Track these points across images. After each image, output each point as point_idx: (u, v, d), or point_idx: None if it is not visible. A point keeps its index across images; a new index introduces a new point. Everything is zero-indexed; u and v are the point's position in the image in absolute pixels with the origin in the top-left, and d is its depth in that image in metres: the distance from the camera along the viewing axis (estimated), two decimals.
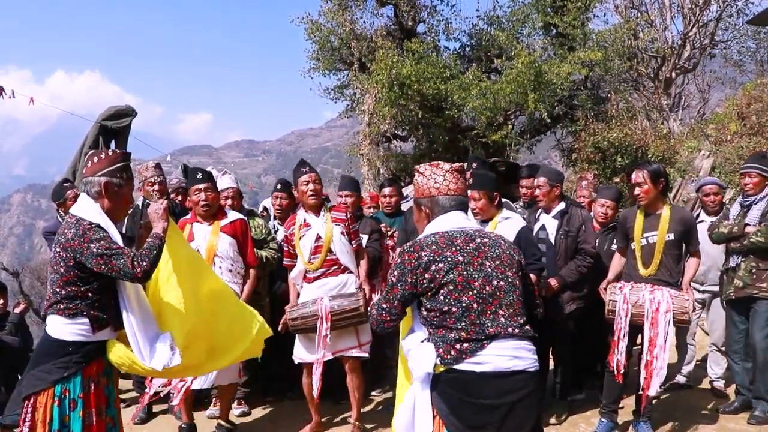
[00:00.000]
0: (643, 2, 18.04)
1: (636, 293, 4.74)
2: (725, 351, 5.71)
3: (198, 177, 4.90)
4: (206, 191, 4.86)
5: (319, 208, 5.02)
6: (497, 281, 2.83)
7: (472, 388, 2.74)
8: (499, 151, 14.69)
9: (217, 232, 4.84)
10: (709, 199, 5.97)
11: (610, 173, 12.74)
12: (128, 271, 3.10)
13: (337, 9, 16.68)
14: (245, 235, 4.99)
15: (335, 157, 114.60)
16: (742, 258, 5.25)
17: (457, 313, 2.77)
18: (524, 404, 2.77)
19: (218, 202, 5.00)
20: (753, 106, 12.33)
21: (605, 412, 5.07)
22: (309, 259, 4.97)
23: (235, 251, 4.90)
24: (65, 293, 3.20)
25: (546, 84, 13.78)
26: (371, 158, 15.79)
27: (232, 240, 4.89)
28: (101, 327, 3.27)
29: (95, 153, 3.42)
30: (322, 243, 4.92)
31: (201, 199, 4.85)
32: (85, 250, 3.11)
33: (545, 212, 5.41)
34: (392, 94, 14.57)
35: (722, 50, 19.47)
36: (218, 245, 4.82)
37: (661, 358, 4.61)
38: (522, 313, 2.86)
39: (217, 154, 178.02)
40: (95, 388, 3.28)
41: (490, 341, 2.75)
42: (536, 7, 15.50)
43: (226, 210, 5.08)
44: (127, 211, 3.61)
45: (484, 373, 2.73)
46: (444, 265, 2.81)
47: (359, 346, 4.95)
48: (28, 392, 3.20)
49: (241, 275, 4.94)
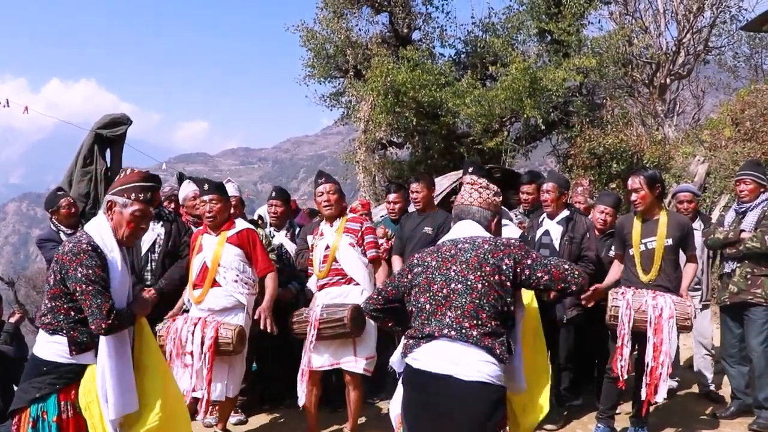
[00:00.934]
0: (637, 9, 18.13)
1: (638, 299, 4.73)
2: (720, 356, 5.72)
3: (204, 188, 4.87)
4: (211, 202, 4.82)
5: (336, 218, 5.04)
6: (455, 284, 2.88)
7: (415, 383, 2.92)
8: (495, 158, 14.73)
9: (223, 243, 4.81)
10: (683, 206, 5.97)
11: (606, 179, 12.78)
12: (97, 315, 2.94)
13: (332, 16, 16.72)
14: (253, 244, 4.91)
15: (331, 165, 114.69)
16: (737, 264, 5.28)
17: (414, 312, 2.97)
18: (454, 417, 2.78)
19: (226, 213, 4.92)
20: (747, 111, 12.36)
21: (602, 418, 5.07)
22: (319, 268, 5.02)
23: (242, 261, 4.85)
24: (50, 306, 3.08)
25: (541, 90, 13.82)
26: (367, 165, 15.80)
27: (239, 250, 4.83)
28: (81, 350, 3.09)
29: (123, 169, 3.32)
30: (330, 252, 4.94)
31: (206, 211, 4.83)
32: (71, 269, 2.99)
33: (549, 218, 5.42)
34: (388, 101, 14.59)
35: (716, 56, 19.56)
36: (222, 255, 4.80)
37: (666, 365, 4.61)
38: (472, 317, 2.81)
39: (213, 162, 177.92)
40: (73, 413, 3.10)
41: (427, 340, 2.87)
42: (531, 13, 15.57)
43: (236, 220, 5.01)
44: (138, 235, 3.38)
45: (418, 369, 2.87)
46: (419, 269, 3.01)
47: (356, 359, 4.88)
48: (12, 408, 3.12)
49: (249, 285, 4.89)
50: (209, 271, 4.77)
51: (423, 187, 5.59)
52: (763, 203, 5.25)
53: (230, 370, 4.81)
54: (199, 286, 4.81)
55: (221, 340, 4.61)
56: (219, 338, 4.60)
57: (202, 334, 4.61)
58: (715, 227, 5.48)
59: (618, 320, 4.75)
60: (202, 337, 4.61)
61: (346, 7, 16.81)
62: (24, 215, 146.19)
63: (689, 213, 5.89)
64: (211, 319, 4.68)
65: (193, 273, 4.90)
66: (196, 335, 4.60)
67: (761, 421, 5.16)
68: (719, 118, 13.96)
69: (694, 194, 6.12)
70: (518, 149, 15.84)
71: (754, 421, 5.20)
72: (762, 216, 5.19)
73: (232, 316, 4.79)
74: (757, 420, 5.19)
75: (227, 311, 4.77)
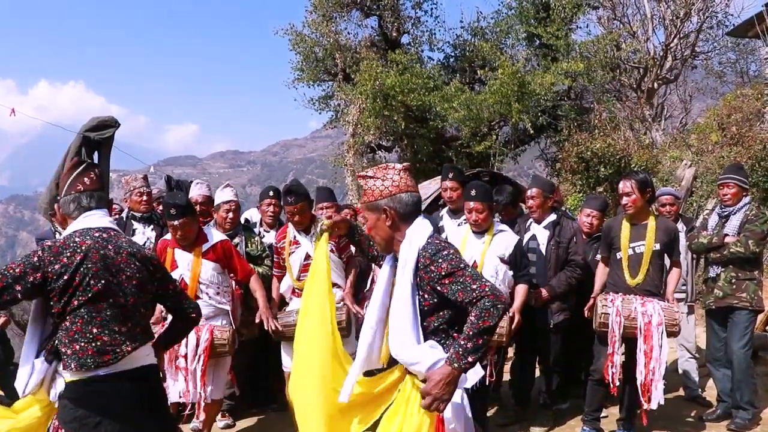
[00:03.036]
0: (625, 14, 18.20)
1: (628, 306, 4.75)
2: (706, 359, 5.75)
3: (172, 213, 4.63)
4: (182, 228, 4.65)
5: (309, 226, 5.02)
6: None
7: None
8: (484, 162, 14.76)
9: (199, 261, 4.74)
10: (665, 209, 5.95)
11: (594, 183, 12.83)
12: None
13: (321, 20, 16.73)
14: (229, 255, 4.86)
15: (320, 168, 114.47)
16: (722, 268, 5.31)
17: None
18: None
19: (196, 231, 4.79)
20: (733, 116, 12.46)
21: (588, 420, 5.11)
22: (298, 276, 4.98)
23: (221, 274, 4.82)
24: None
25: (529, 94, 13.88)
26: (356, 169, 15.81)
27: (216, 264, 4.79)
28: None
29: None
30: (311, 261, 4.92)
31: (177, 235, 4.70)
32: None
33: (536, 222, 5.44)
34: (376, 104, 14.62)
35: (703, 61, 19.68)
36: (201, 272, 4.75)
37: (658, 371, 4.64)
38: None
39: (202, 164, 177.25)
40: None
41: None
42: (520, 18, 15.64)
43: (207, 232, 4.92)
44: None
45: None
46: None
47: None
48: None
49: (229, 293, 4.88)
50: (188, 288, 4.68)
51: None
52: (746, 207, 5.28)
53: (215, 373, 4.80)
54: None
55: (217, 341, 4.62)
56: (215, 340, 4.61)
57: (197, 337, 4.59)
58: (699, 231, 5.51)
59: (608, 327, 4.77)
60: (197, 339, 4.59)
61: (335, 11, 16.84)
62: (11, 218, 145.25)
63: (671, 216, 5.90)
64: (203, 322, 4.66)
65: None
66: (190, 338, 4.56)
67: (738, 421, 5.21)
68: (706, 123, 14.06)
69: (676, 197, 6.15)
70: (507, 153, 15.90)
71: (732, 422, 5.25)
72: (745, 220, 5.21)
73: (219, 320, 4.79)
74: (735, 420, 5.24)
75: (211, 318, 4.75)
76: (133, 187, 5.73)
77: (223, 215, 5.44)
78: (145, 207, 5.68)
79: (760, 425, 5.30)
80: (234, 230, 5.54)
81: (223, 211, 5.45)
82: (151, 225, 5.56)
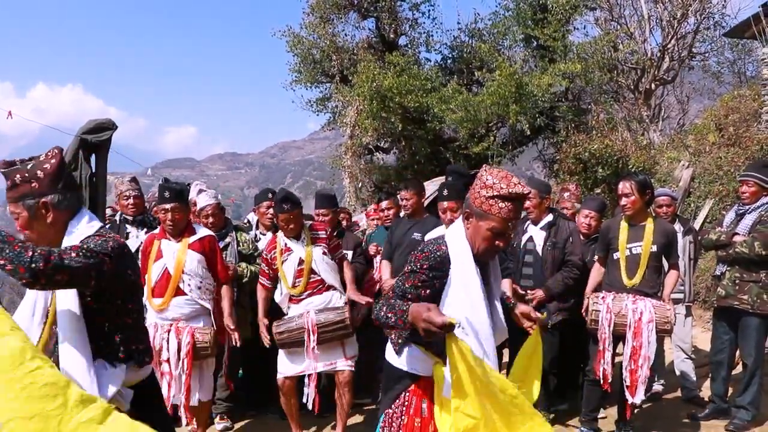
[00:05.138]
0: (622, 15, 18.20)
1: (618, 303, 4.76)
2: (709, 360, 5.74)
3: (165, 196, 4.71)
4: (173, 211, 4.68)
5: (299, 232, 5.01)
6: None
7: None
8: (481, 163, 14.61)
9: (185, 249, 4.73)
10: (662, 210, 5.92)
11: (592, 184, 12.85)
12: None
13: (318, 22, 16.74)
14: (213, 251, 4.86)
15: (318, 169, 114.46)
16: (728, 267, 5.27)
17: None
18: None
19: (186, 221, 4.84)
20: (731, 117, 12.49)
21: (585, 420, 5.12)
22: (293, 283, 4.96)
23: (204, 268, 4.79)
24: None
25: (527, 96, 13.89)
26: (354, 170, 15.82)
27: (201, 257, 4.77)
28: None
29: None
30: (305, 266, 4.92)
31: (168, 219, 4.72)
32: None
33: (533, 224, 5.44)
34: (374, 106, 14.63)
35: (700, 62, 19.69)
36: (186, 262, 4.73)
37: (645, 368, 4.64)
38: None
39: (200, 167, 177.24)
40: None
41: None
42: (517, 19, 15.65)
43: (195, 226, 4.94)
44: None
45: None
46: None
47: (345, 360, 4.94)
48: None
49: (210, 291, 4.85)
50: (172, 278, 4.66)
51: (413, 194, 5.57)
52: (762, 207, 5.15)
53: (201, 374, 4.77)
54: (160, 294, 4.69)
55: (199, 345, 4.58)
56: (196, 343, 4.57)
57: (178, 341, 4.56)
58: (713, 227, 5.47)
59: (599, 324, 4.79)
60: (179, 343, 4.56)
61: (332, 13, 16.84)
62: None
63: (668, 217, 5.88)
64: (184, 324, 4.63)
65: (152, 280, 4.71)
66: (171, 342, 4.55)
67: (737, 422, 5.19)
68: (704, 124, 14.08)
69: (673, 198, 6.14)
70: (504, 154, 15.90)
71: (731, 422, 5.23)
72: (758, 220, 5.10)
73: (200, 321, 4.74)
74: (733, 420, 5.22)
75: (193, 319, 4.71)
76: (120, 191, 5.73)
77: (204, 221, 5.43)
78: (132, 210, 5.65)
79: (761, 426, 5.29)
80: (225, 230, 5.56)
81: (203, 216, 5.45)
82: (144, 228, 5.54)
